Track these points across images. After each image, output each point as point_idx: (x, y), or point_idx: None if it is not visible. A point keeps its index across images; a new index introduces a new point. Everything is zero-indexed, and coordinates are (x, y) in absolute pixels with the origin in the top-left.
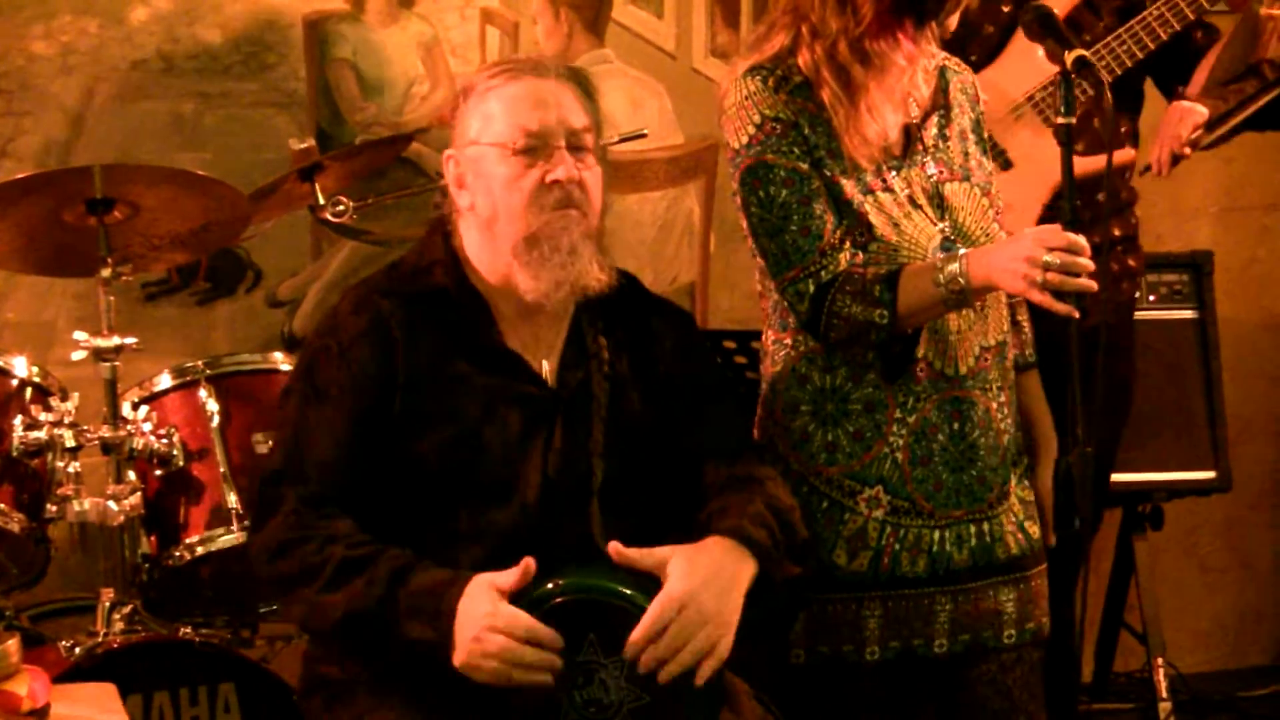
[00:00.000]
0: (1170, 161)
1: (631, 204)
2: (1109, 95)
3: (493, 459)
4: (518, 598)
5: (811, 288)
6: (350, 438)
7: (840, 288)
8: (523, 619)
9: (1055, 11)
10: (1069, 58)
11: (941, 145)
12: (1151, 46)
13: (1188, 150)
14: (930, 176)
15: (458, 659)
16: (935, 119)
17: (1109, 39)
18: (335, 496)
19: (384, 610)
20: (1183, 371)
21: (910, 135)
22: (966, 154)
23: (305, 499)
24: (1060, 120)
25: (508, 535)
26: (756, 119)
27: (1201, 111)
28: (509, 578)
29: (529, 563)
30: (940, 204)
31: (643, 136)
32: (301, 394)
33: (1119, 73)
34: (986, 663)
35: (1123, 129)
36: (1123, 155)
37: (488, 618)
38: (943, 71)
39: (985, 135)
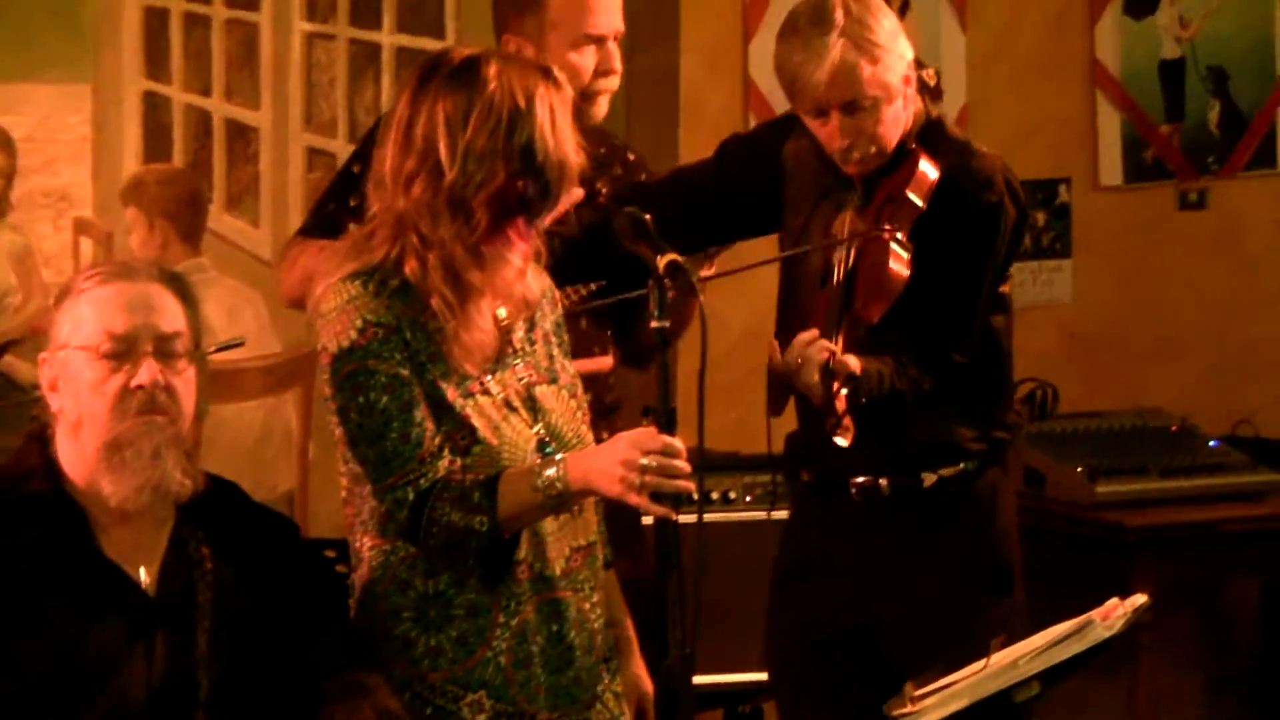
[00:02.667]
0: None
1: (229, 413)
2: (700, 301)
3: (91, 672)
4: None
5: (411, 495)
6: None
7: (439, 495)
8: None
9: (647, 218)
10: (661, 262)
11: (529, 348)
12: None
13: None
14: (521, 379)
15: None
16: (522, 320)
17: None
18: None
19: None
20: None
21: (502, 337)
22: (551, 356)
23: None
24: (655, 324)
25: None
26: (359, 323)
27: None
28: None
29: None
30: (534, 406)
31: (239, 345)
32: None
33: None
34: None
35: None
36: (598, 363)
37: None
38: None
39: (565, 339)
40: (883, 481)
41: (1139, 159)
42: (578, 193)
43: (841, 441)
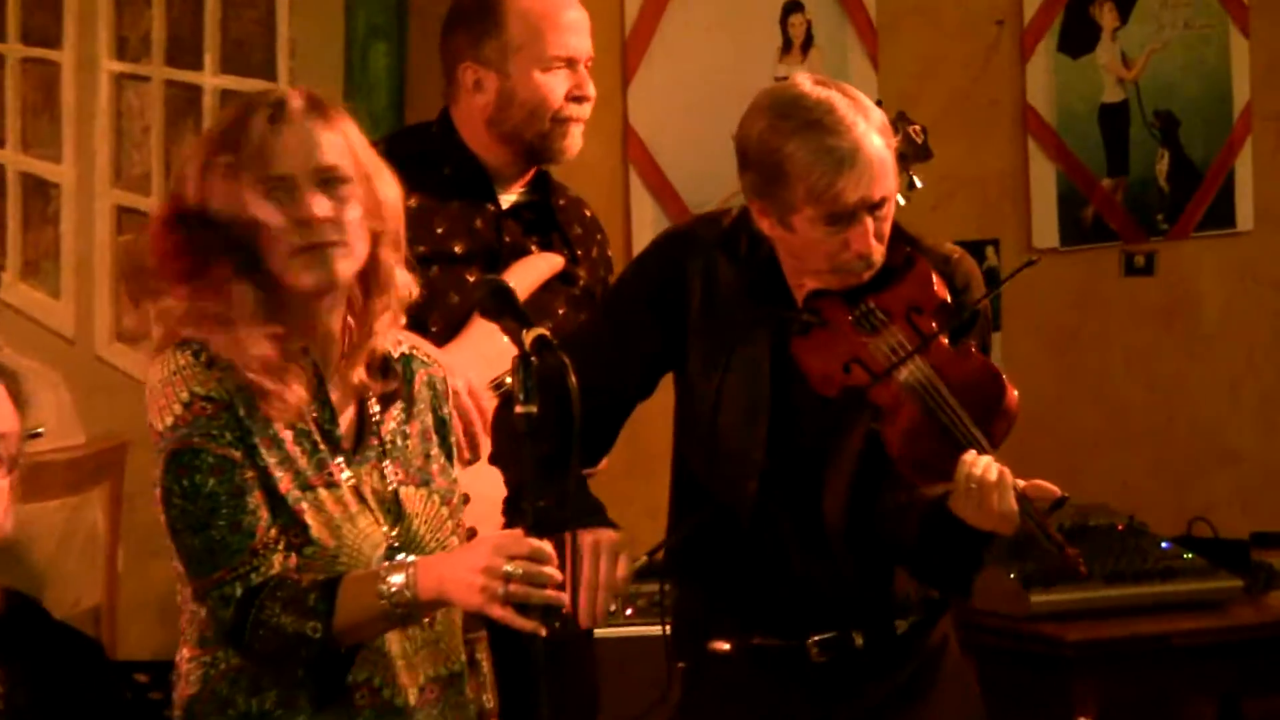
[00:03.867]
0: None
1: (25, 515)
2: (573, 378)
3: None
4: None
5: (239, 591)
6: None
7: (271, 594)
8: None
9: (512, 286)
10: (527, 338)
11: (400, 442)
12: None
13: None
14: (384, 477)
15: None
16: (396, 412)
17: None
18: None
19: None
20: None
21: (365, 427)
22: (428, 456)
23: None
24: (520, 409)
25: None
26: (185, 397)
27: None
28: None
29: None
30: (393, 509)
31: (38, 436)
32: None
33: None
34: None
35: None
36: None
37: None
38: (407, 360)
39: (452, 438)
40: (856, 634)
41: (1077, 218)
42: (556, 260)
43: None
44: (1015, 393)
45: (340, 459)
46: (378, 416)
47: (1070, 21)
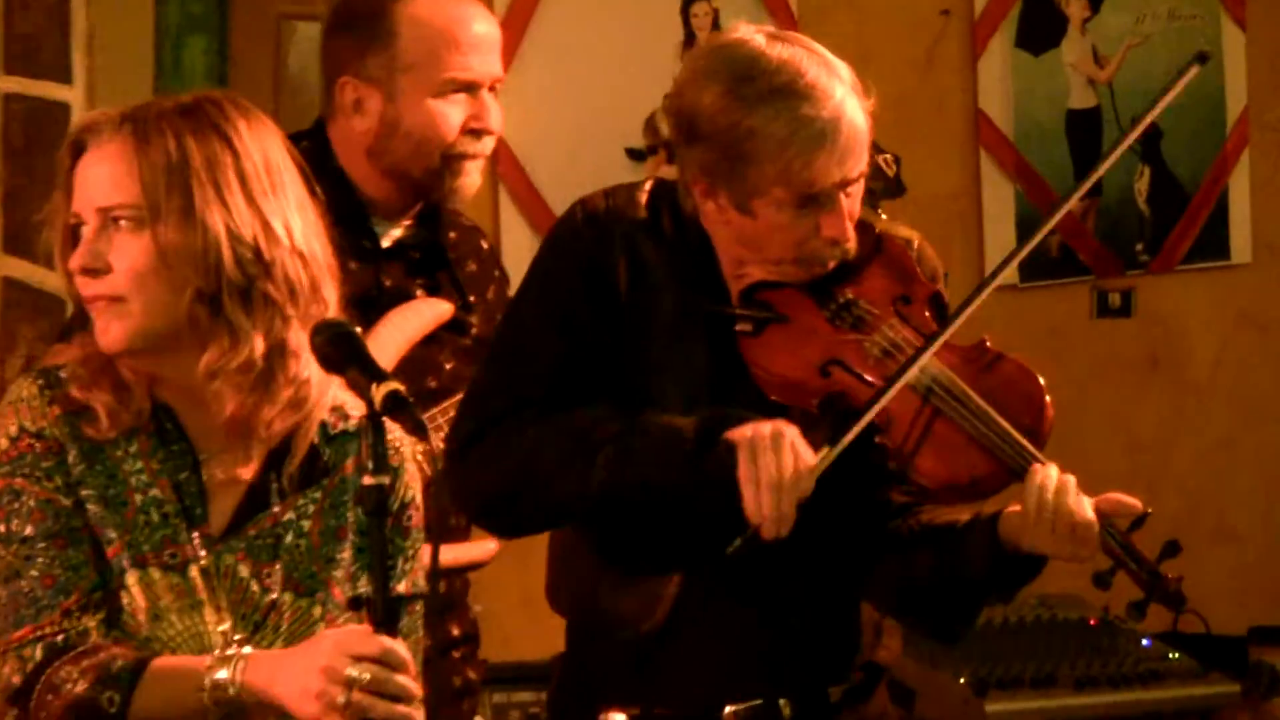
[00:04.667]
0: None
1: None
2: (435, 443)
3: None
4: None
5: (39, 654)
6: None
7: (74, 657)
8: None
9: (359, 332)
10: (378, 393)
11: (292, 540)
12: None
13: None
14: (258, 575)
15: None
16: (302, 502)
17: None
18: None
19: None
20: None
21: (250, 511)
22: (330, 560)
23: None
24: (368, 480)
25: None
26: (13, 430)
27: None
28: None
29: None
30: (252, 615)
31: None
32: None
33: None
34: None
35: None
36: (472, 551)
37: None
38: (342, 440)
39: (409, 542)
40: (783, 702)
41: (1040, 247)
42: (443, 307)
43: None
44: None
45: (198, 539)
46: (275, 502)
47: (1031, 10)
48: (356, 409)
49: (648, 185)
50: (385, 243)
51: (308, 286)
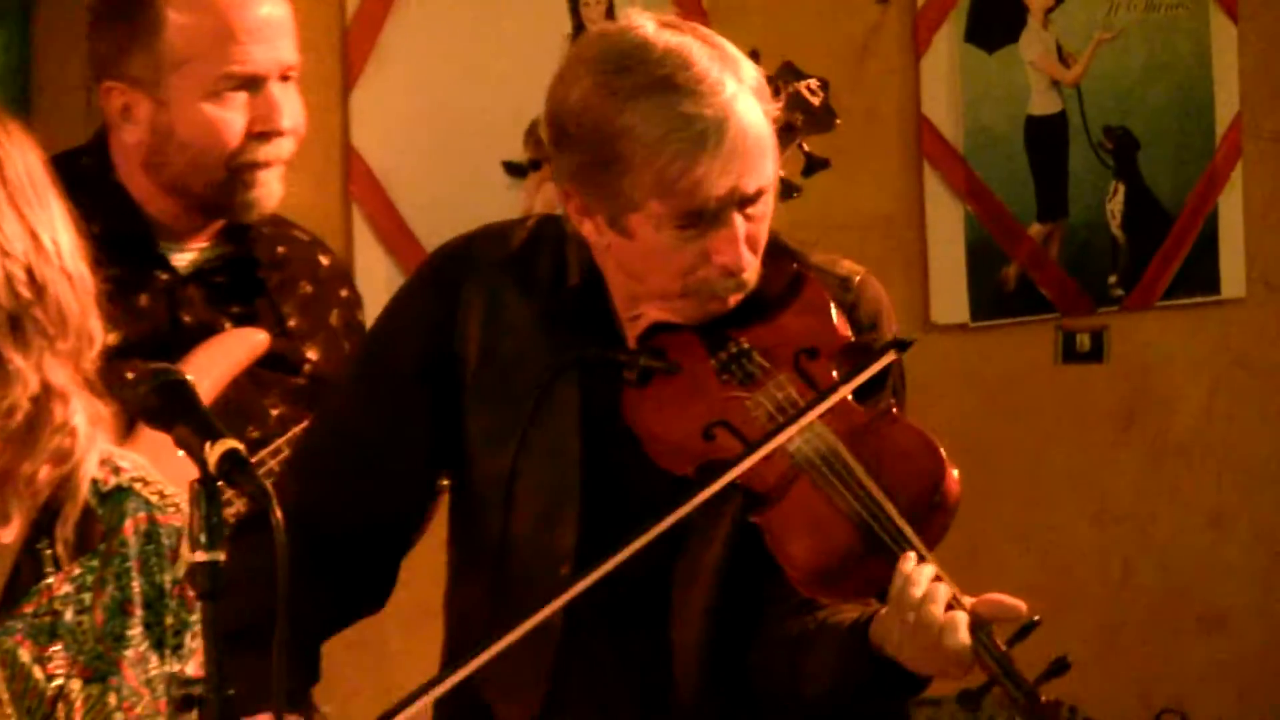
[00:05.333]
0: None
1: None
2: (278, 513)
3: None
4: None
5: None
6: None
7: None
8: None
9: (188, 379)
10: (213, 454)
11: (72, 617)
12: None
13: None
14: (40, 659)
15: None
16: (78, 572)
17: None
18: None
19: None
20: None
21: (20, 585)
22: (119, 639)
23: None
24: (201, 557)
25: None
26: None
27: None
28: None
29: None
30: (38, 707)
31: None
32: None
33: None
34: None
35: None
36: None
37: None
38: (118, 499)
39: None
40: None
41: (995, 280)
42: (257, 338)
43: None
44: (956, 473)
45: None
46: (50, 572)
47: None
48: (129, 460)
49: (530, 222)
50: (182, 268)
51: (78, 315)
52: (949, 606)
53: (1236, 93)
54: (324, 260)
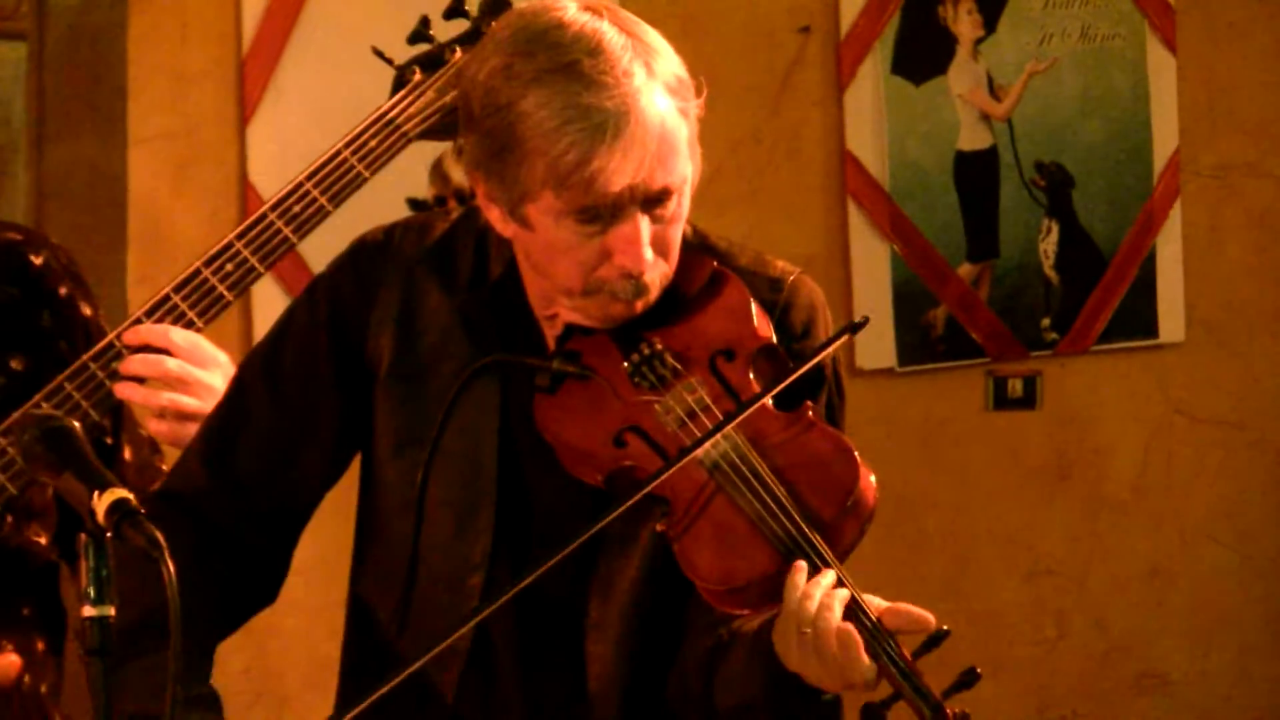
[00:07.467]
0: None
1: None
2: (169, 565)
3: None
4: None
5: None
6: None
7: None
8: None
9: (77, 426)
10: (100, 504)
11: None
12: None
13: None
14: None
15: None
16: None
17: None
18: None
19: None
20: None
21: None
22: None
23: None
24: (88, 611)
25: None
26: None
27: None
28: None
29: None
30: None
31: None
32: None
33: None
34: None
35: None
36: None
37: None
38: None
39: None
40: None
41: (922, 323)
42: None
43: None
44: (873, 478)
45: None
46: None
47: (910, 28)
48: None
49: (453, 214)
50: None
51: None
52: (849, 615)
53: (1175, 127)
54: (35, 260)
